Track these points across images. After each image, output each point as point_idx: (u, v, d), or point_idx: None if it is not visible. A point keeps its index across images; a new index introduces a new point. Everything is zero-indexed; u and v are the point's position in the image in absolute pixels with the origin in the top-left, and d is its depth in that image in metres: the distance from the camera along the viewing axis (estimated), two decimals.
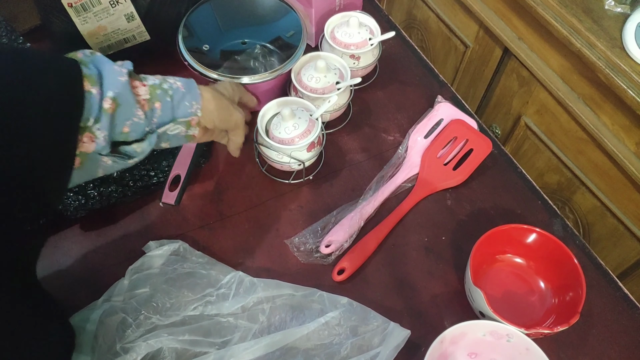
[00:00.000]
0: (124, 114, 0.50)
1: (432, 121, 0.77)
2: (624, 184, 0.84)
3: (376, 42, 0.76)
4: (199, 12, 0.77)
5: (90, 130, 0.47)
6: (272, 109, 0.69)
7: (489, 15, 0.98)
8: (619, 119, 0.81)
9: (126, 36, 0.74)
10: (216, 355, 0.55)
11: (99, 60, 0.50)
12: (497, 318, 0.55)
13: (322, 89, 0.70)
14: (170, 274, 0.61)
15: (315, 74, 0.70)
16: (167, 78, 0.55)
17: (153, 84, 0.53)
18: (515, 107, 1.02)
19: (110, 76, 0.49)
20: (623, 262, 0.93)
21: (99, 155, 0.49)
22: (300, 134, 0.65)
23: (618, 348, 0.60)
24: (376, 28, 0.78)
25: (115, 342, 0.56)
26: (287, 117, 0.65)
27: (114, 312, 0.57)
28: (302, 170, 0.70)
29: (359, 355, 0.56)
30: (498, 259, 0.65)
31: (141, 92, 0.52)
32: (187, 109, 0.55)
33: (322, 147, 0.70)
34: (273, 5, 0.79)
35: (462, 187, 0.72)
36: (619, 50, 0.75)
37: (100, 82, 0.48)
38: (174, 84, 0.55)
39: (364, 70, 0.79)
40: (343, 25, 0.76)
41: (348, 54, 0.75)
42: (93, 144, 0.48)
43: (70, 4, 0.68)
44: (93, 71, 0.48)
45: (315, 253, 0.65)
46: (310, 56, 0.73)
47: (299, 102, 0.69)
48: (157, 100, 0.53)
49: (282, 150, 0.65)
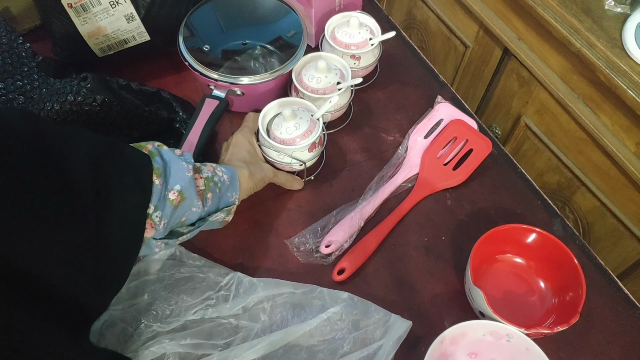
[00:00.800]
0: (187, 205, 0.54)
1: (432, 121, 0.77)
2: (624, 184, 0.84)
3: (376, 42, 0.76)
4: (200, 13, 0.77)
5: (151, 217, 0.51)
6: (273, 109, 0.69)
7: (489, 16, 0.98)
8: (618, 119, 0.81)
9: (126, 37, 0.74)
10: (219, 356, 0.55)
11: (167, 155, 0.55)
12: (497, 318, 0.55)
13: (323, 90, 0.70)
14: (167, 279, 0.61)
15: (316, 74, 0.70)
16: (216, 170, 0.59)
17: (207, 177, 0.57)
18: (515, 107, 1.02)
19: (178, 171, 0.54)
20: (623, 262, 0.93)
21: (153, 240, 0.53)
22: (301, 134, 0.65)
23: (618, 348, 0.60)
24: (376, 28, 0.78)
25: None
26: (288, 117, 0.65)
27: (114, 322, 0.57)
28: (303, 171, 0.70)
29: (362, 349, 0.56)
30: (498, 259, 0.65)
31: (199, 183, 0.56)
32: (228, 199, 0.60)
33: (323, 148, 0.70)
34: (273, 6, 0.79)
35: (462, 187, 0.72)
36: (618, 50, 0.75)
37: (164, 175, 0.53)
38: (222, 177, 0.59)
39: (364, 71, 0.79)
40: (343, 25, 0.76)
41: (349, 54, 0.75)
42: (152, 230, 0.52)
43: (70, 5, 0.68)
44: (159, 164, 0.53)
45: (315, 253, 0.66)
46: (311, 56, 0.73)
47: (300, 103, 0.69)
48: (210, 191, 0.57)
49: (284, 151, 0.65)
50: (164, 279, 0.61)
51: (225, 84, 0.71)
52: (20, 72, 0.67)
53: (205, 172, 0.58)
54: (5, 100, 0.64)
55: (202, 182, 0.56)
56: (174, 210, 0.53)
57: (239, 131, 0.70)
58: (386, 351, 0.55)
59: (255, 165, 0.65)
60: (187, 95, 0.78)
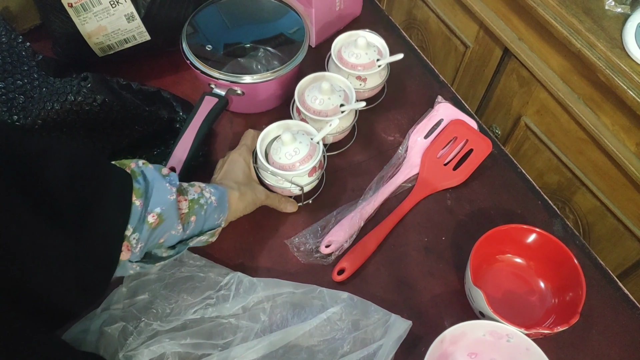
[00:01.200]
0: (165, 228, 0.52)
1: (432, 121, 0.77)
2: (624, 184, 0.84)
3: (384, 63, 0.74)
4: (202, 14, 0.77)
5: (128, 239, 0.49)
6: (272, 132, 0.67)
7: (489, 16, 0.98)
8: (619, 120, 0.81)
9: (126, 36, 0.74)
10: (219, 356, 0.55)
11: (150, 174, 0.52)
12: (497, 318, 0.55)
13: (326, 112, 0.68)
14: (168, 279, 0.61)
15: (319, 95, 0.68)
16: (204, 191, 0.57)
17: (192, 199, 0.55)
18: (515, 107, 1.02)
19: (160, 193, 0.51)
20: (623, 262, 0.93)
21: (128, 262, 0.51)
22: (301, 159, 0.63)
23: (618, 348, 0.60)
24: (384, 48, 0.76)
25: (117, 351, 0.56)
26: (287, 141, 0.63)
27: (114, 320, 0.57)
28: (301, 194, 0.68)
29: (362, 349, 0.56)
30: (498, 259, 0.65)
31: (182, 206, 0.54)
32: (214, 221, 0.58)
33: (323, 170, 0.68)
34: (275, 7, 0.79)
35: (462, 187, 0.72)
36: (619, 51, 0.75)
37: (145, 196, 0.50)
38: (209, 198, 0.57)
39: (370, 92, 0.77)
40: (351, 45, 0.74)
41: (354, 75, 0.74)
42: (128, 253, 0.50)
43: (70, 4, 0.68)
44: (141, 185, 0.50)
45: (315, 253, 0.65)
46: (314, 77, 0.72)
47: (299, 125, 0.67)
48: (194, 214, 0.55)
49: (282, 176, 0.64)
50: (164, 278, 0.61)
51: (226, 82, 0.71)
52: (20, 71, 0.67)
53: (191, 193, 0.55)
54: (6, 99, 0.64)
55: (186, 204, 0.54)
56: (151, 233, 0.51)
57: (236, 149, 0.67)
58: (386, 351, 0.55)
59: (247, 186, 0.63)
60: (187, 96, 0.78)
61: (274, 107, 0.79)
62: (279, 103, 0.79)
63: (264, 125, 0.67)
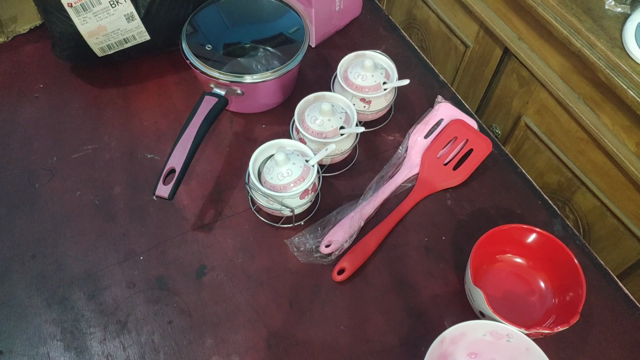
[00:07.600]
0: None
1: (432, 121, 0.77)
2: (624, 184, 0.84)
3: (389, 87, 0.72)
4: (202, 13, 0.77)
5: None
6: (266, 151, 0.66)
7: (489, 15, 0.98)
8: (619, 119, 0.81)
9: (126, 36, 0.74)
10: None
11: None
12: (497, 318, 0.55)
13: (325, 133, 0.67)
14: None
15: (319, 116, 0.67)
16: None
17: None
18: (515, 107, 1.02)
19: None
20: (623, 262, 0.93)
21: None
22: (293, 180, 0.62)
23: (618, 348, 0.60)
24: (392, 70, 0.74)
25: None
26: (280, 162, 0.61)
27: None
28: (292, 216, 0.66)
29: None
30: (498, 259, 0.65)
31: None
32: None
33: (316, 193, 0.67)
34: (275, 7, 0.79)
35: (462, 187, 0.72)
36: (619, 50, 0.75)
37: None
38: None
39: (373, 114, 0.75)
40: (357, 66, 0.73)
41: (358, 97, 0.72)
42: None
43: (70, 4, 0.68)
44: None
45: (315, 253, 0.65)
46: (315, 97, 0.70)
47: (294, 146, 0.66)
48: None
49: (273, 197, 0.62)
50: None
51: (225, 82, 0.71)
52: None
53: None
54: None
55: None
56: None
57: None
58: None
59: None
60: (187, 96, 0.78)
61: (274, 107, 0.79)
62: (278, 103, 0.79)
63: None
